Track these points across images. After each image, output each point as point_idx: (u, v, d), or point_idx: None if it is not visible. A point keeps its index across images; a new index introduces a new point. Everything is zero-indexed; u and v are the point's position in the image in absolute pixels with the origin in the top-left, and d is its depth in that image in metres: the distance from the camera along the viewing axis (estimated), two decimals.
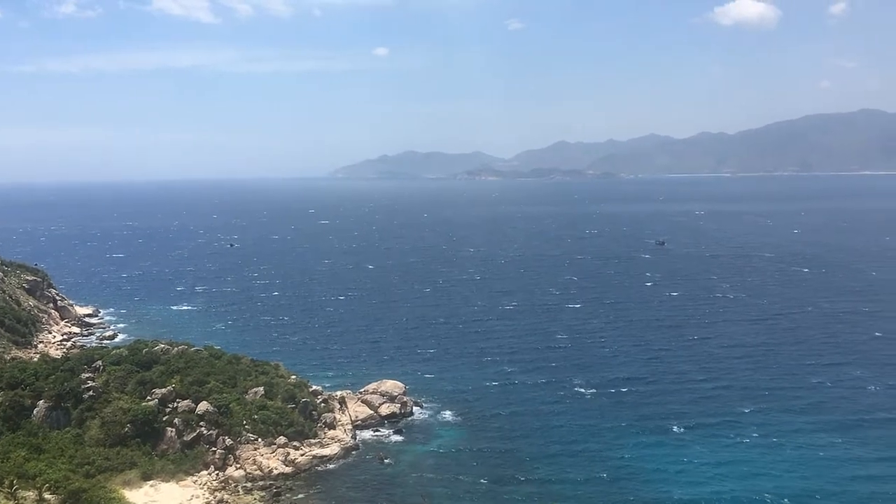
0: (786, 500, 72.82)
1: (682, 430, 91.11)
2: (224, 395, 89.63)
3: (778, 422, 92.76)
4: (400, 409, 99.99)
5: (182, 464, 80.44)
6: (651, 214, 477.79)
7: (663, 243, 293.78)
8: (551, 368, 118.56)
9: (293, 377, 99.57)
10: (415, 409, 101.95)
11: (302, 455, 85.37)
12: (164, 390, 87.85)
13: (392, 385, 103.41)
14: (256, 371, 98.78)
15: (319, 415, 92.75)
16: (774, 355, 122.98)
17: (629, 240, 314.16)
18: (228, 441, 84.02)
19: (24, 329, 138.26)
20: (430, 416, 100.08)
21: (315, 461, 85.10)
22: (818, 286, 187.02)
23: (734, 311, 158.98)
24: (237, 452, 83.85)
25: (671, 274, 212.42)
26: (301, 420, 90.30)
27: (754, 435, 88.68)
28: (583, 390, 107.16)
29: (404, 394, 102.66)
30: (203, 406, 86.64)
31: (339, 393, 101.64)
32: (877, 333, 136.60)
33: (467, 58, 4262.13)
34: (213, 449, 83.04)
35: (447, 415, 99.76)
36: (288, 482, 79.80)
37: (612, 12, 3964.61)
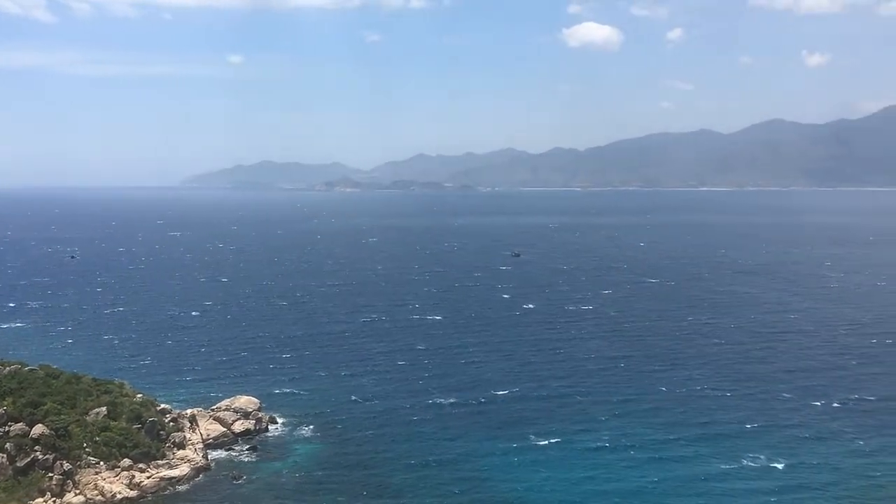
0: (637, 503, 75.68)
1: (539, 439, 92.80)
2: (62, 416, 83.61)
3: (630, 428, 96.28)
4: (255, 426, 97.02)
5: (14, 492, 74.42)
6: (507, 227, 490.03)
7: (519, 255, 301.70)
8: (412, 381, 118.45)
9: (139, 396, 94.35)
10: (270, 425, 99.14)
11: (148, 477, 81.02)
12: None
13: (246, 401, 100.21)
14: (98, 390, 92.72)
15: (168, 434, 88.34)
16: (626, 363, 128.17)
17: (487, 252, 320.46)
18: (67, 465, 78.48)
19: None
20: (287, 431, 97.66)
21: (163, 483, 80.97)
22: (663, 296, 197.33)
23: (588, 322, 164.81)
24: (77, 477, 78.49)
25: (527, 285, 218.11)
26: (148, 441, 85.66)
27: (608, 442, 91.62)
28: (443, 402, 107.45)
29: (259, 410, 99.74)
30: (38, 429, 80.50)
31: (189, 411, 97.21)
32: (715, 340, 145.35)
33: (325, 68, 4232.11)
34: (50, 475, 77.32)
35: (304, 430, 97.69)
36: None
37: (468, 29, 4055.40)
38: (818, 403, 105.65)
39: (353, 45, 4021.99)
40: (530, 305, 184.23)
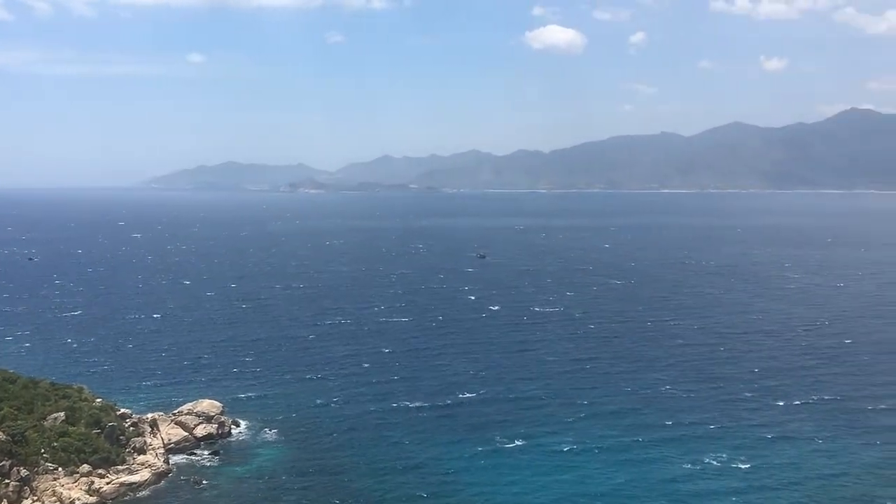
0: None
1: (506, 441, 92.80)
2: (19, 421, 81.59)
3: (597, 430, 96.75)
4: (217, 430, 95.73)
5: None
6: (472, 228, 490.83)
7: (484, 256, 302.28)
8: (378, 384, 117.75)
9: (99, 401, 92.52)
10: (233, 429, 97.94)
11: (108, 483, 79.49)
12: None
13: (209, 405, 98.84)
14: (57, 395, 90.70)
15: (128, 439, 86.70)
16: (592, 365, 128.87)
17: (452, 254, 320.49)
18: (24, 472, 76.46)
19: None
20: (250, 436, 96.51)
21: (123, 489, 79.53)
22: (628, 298, 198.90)
23: (554, 323, 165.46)
24: (34, 484, 76.60)
25: (492, 287, 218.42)
26: (107, 446, 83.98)
27: (575, 444, 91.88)
28: (410, 405, 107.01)
29: (222, 413, 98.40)
30: None
31: (150, 415, 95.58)
32: (679, 341, 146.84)
33: (289, 68, 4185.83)
34: (7, 481, 75.30)
35: (268, 434, 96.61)
36: None
37: (431, 30, 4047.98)
38: (780, 403, 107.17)
39: (317, 46, 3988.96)
40: (496, 307, 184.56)
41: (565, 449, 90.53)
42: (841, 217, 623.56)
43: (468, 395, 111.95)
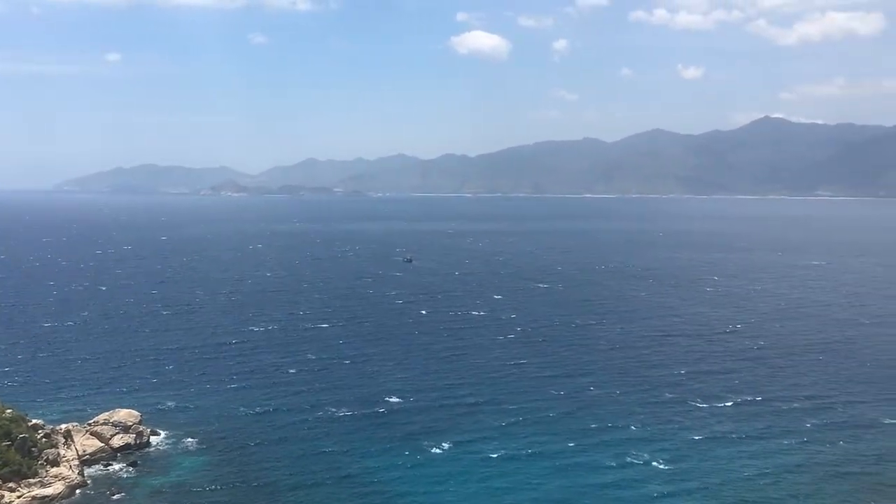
0: None
1: (437, 448, 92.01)
2: None
3: (526, 435, 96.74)
4: (135, 440, 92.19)
5: None
6: (399, 232, 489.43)
7: (411, 261, 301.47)
8: (304, 392, 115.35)
9: (8, 411, 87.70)
10: (153, 438, 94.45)
11: (19, 497, 75.54)
12: None
13: (126, 414, 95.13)
14: None
15: (40, 451, 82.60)
16: (521, 369, 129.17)
17: (379, 258, 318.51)
18: None
19: None
20: (170, 446, 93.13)
21: (35, 502, 75.82)
22: (555, 301, 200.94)
23: (482, 328, 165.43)
24: None
25: (420, 291, 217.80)
26: (18, 458, 79.74)
27: (505, 449, 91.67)
28: (337, 413, 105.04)
29: (140, 423, 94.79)
30: None
31: (64, 426, 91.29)
32: (606, 344, 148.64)
33: (211, 69, 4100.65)
34: None
35: (189, 443, 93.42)
36: None
37: (357, 33, 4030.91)
38: (705, 405, 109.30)
39: (239, 47, 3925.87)
40: (424, 311, 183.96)
41: (495, 455, 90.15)
42: (755, 222, 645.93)
43: (397, 401, 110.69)
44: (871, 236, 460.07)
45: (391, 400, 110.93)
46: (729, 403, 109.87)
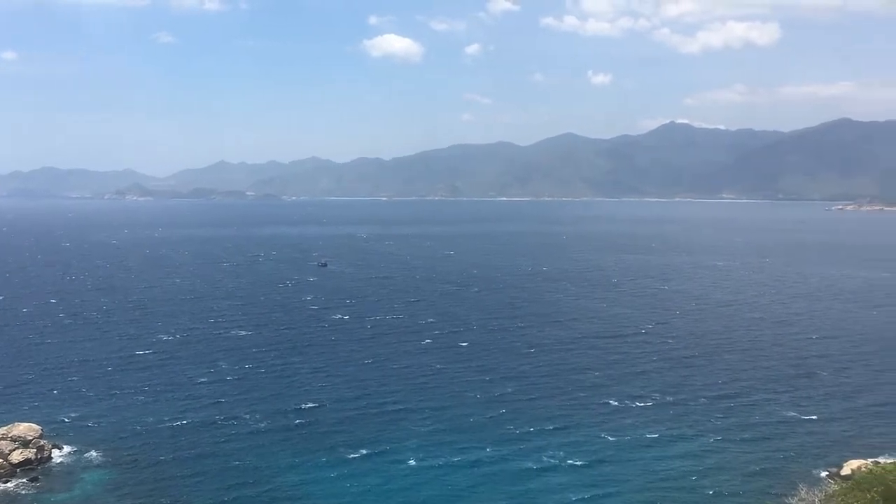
0: None
1: (356, 453, 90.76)
2: None
3: (445, 436, 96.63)
4: (36, 455, 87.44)
5: None
6: (314, 237, 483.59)
7: (325, 265, 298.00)
8: (216, 401, 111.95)
9: None
10: (55, 453, 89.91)
11: None
12: None
13: (26, 428, 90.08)
14: None
15: None
16: (439, 372, 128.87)
17: (293, 262, 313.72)
18: None
19: None
20: (74, 460, 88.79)
21: None
22: (473, 305, 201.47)
23: (399, 331, 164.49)
24: None
25: (335, 296, 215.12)
26: None
27: (424, 452, 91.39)
28: (251, 422, 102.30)
29: (41, 437, 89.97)
30: None
31: None
32: (525, 347, 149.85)
33: (115, 69, 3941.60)
34: None
35: (94, 458, 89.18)
36: None
37: (268, 35, 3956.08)
38: (621, 406, 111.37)
39: (145, 46, 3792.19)
40: (340, 316, 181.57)
41: (413, 459, 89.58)
42: (664, 224, 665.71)
43: (314, 408, 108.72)
44: (771, 237, 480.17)
45: (309, 408, 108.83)
46: (643, 404, 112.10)
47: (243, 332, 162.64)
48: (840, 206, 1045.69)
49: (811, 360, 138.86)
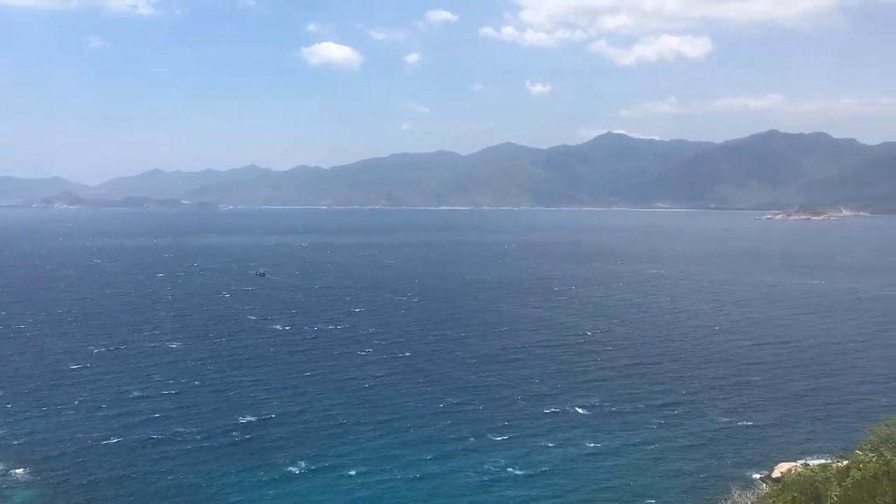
0: None
1: (298, 467, 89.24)
2: None
3: (389, 448, 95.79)
4: None
5: None
6: (252, 246, 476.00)
7: (263, 274, 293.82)
8: (154, 416, 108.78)
9: None
10: None
11: None
12: None
13: None
14: None
15: None
16: (382, 382, 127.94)
17: (232, 273, 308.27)
18: None
19: None
20: (0, 479, 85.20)
21: None
22: (415, 314, 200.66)
23: (341, 342, 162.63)
24: None
25: (274, 306, 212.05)
26: None
27: (368, 464, 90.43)
28: (190, 437, 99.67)
29: None
30: None
31: None
32: (462, 355, 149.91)
33: (43, 74, 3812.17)
34: None
35: (21, 476, 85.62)
36: None
37: (204, 41, 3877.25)
38: (562, 413, 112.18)
39: (75, 51, 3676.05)
40: (279, 327, 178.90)
41: (354, 471, 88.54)
42: (602, 232, 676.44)
43: (254, 422, 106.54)
44: (706, 246, 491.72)
45: (249, 423, 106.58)
46: (586, 412, 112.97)
47: (180, 345, 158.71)
48: (769, 216, 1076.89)
49: (748, 366, 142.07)
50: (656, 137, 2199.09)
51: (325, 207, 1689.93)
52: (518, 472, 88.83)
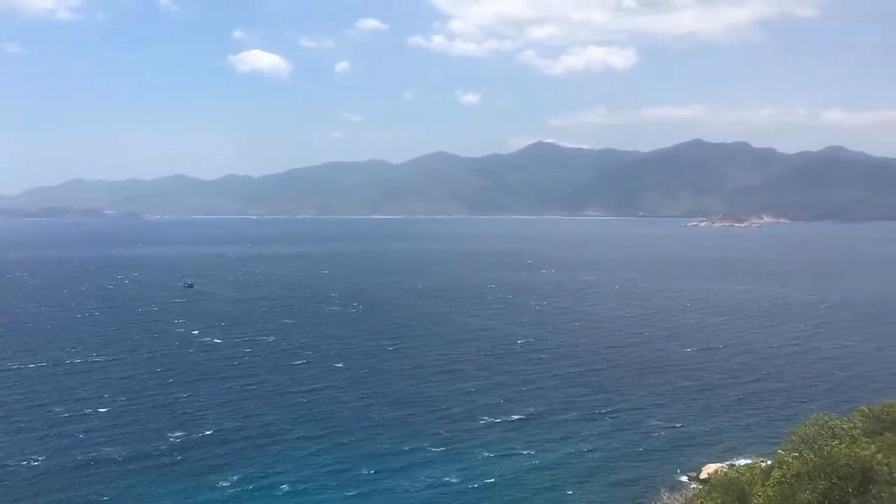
0: None
1: (229, 485, 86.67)
2: None
3: (329, 464, 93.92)
4: None
5: None
6: (180, 257, 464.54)
7: (192, 286, 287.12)
8: (79, 434, 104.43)
9: None
10: None
11: None
12: None
13: None
14: None
15: None
16: (318, 396, 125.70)
17: (159, 284, 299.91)
18: None
19: None
20: None
21: None
22: (351, 324, 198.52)
23: (276, 353, 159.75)
24: None
25: (204, 318, 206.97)
26: None
27: (307, 477, 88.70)
28: (117, 455, 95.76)
29: None
30: None
31: None
32: (403, 367, 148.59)
33: None
34: None
35: None
36: None
37: (125, 47, 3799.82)
38: (496, 421, 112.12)
39: None
40: (209, 339, 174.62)
41: (292, 488, 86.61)
42: (535, 241, 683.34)
43: (183, 438, 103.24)
44: (636, 253, 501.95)
45: (179, 439, 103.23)
46: (521, 419, 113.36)
47: (107, 360, 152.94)
48: (695, 223, 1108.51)
49: (681, 371, 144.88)
50: (586, 146, 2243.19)
51: (255, 217, 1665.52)
52: (456, 484, 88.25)
